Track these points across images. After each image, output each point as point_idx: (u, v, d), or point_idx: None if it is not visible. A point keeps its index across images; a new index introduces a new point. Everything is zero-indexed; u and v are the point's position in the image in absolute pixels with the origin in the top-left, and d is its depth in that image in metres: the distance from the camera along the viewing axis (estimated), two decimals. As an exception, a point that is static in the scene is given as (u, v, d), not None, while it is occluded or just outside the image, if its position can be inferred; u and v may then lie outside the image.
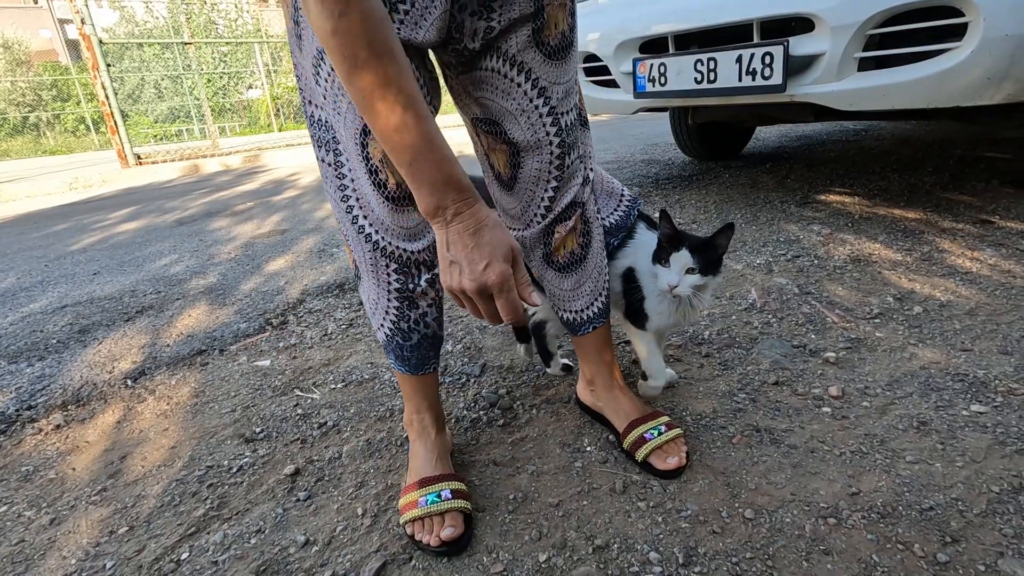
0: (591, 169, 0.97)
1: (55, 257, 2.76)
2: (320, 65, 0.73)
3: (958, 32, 1.54)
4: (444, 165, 0.63)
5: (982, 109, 1.78)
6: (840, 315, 1.39)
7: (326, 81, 0.73)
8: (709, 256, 0.93)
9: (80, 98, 16.76)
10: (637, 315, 1.03)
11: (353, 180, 0.80)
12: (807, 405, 1.06)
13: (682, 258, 0.92)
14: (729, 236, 0.93)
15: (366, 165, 0.76)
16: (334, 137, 0.79)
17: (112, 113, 5.93)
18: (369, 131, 0.74)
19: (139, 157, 6.40)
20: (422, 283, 0.86)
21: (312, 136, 0.83)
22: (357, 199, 0.81)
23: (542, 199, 0.91)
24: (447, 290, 0.69)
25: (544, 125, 0.85)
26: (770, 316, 1.42)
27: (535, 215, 0.92)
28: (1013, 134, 3.31)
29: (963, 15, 1.51)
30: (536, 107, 0.83)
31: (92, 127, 16.87)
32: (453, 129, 7.08)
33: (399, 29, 0.71)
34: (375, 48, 0.59)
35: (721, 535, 0.79)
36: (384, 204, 0.79)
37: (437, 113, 0.81)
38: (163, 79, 14.24)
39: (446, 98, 0.93)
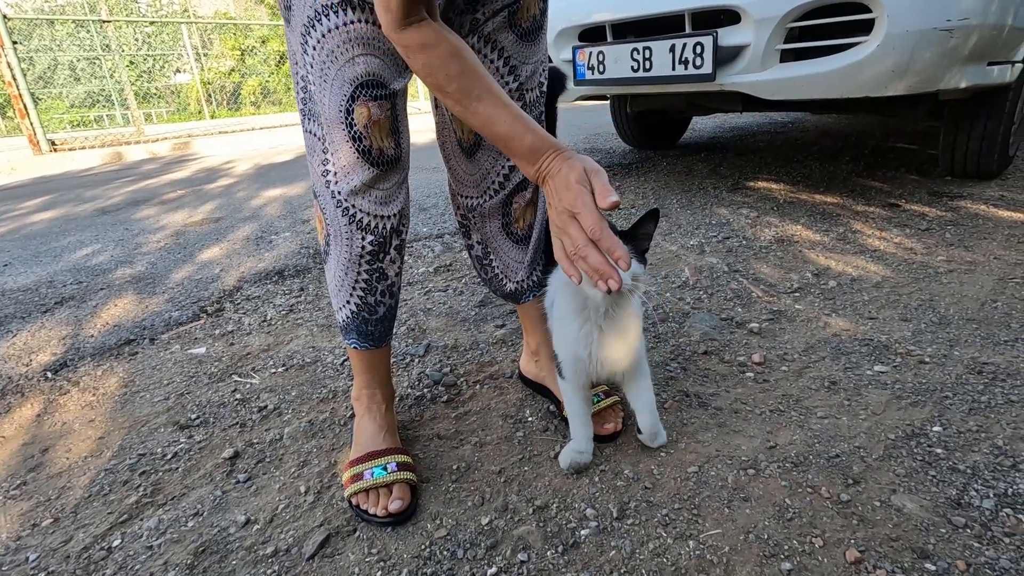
0: None
1: (-42, 249, 2.53)
2: (309, 33, 0.76)
3: (867, 27, 1.67)
4: (528, 136, 0.72)
5: (892, 100, 1.94)
6: (764, 290, 1.49)
7: (314, 49, 0.76)
8: (637, 247, 0.77)
9: (-18, 79, 15.27)
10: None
11: (332, 154, 0.82)
12: (732, 371, 1.14)
13: None
14: (655, 223, 0.78)
15: (349, 132, 0.79)
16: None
17: (21, 95, 5.47)
18: (357, 98, 0.77)
19: (54, 143, 5.93)
20: (391, 251, 0.89)
21: (301, 109, 0.86)
22: (335, 172, 0.83)
23: (502, 168, 0.95)
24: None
25: (512, 99, 0.89)
26: (701, 293, 1.50)
27: (492, 183, 0.96)
28: (920, 127, 3.60)
29: (870, 11, 1.63)
30: (507, 83, 0.90)
31: (-3, 111, 15.47)
32: (426, 115, 7.20)
33: None
34: (462, 69, 0.71)
35: (652, 490, 0.84)
36: (368, 170, 0.81)
37: (411, 73, 0.82)
38: (79, 60, 13.20)
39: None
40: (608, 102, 3.30)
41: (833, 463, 0.86)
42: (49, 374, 1.33)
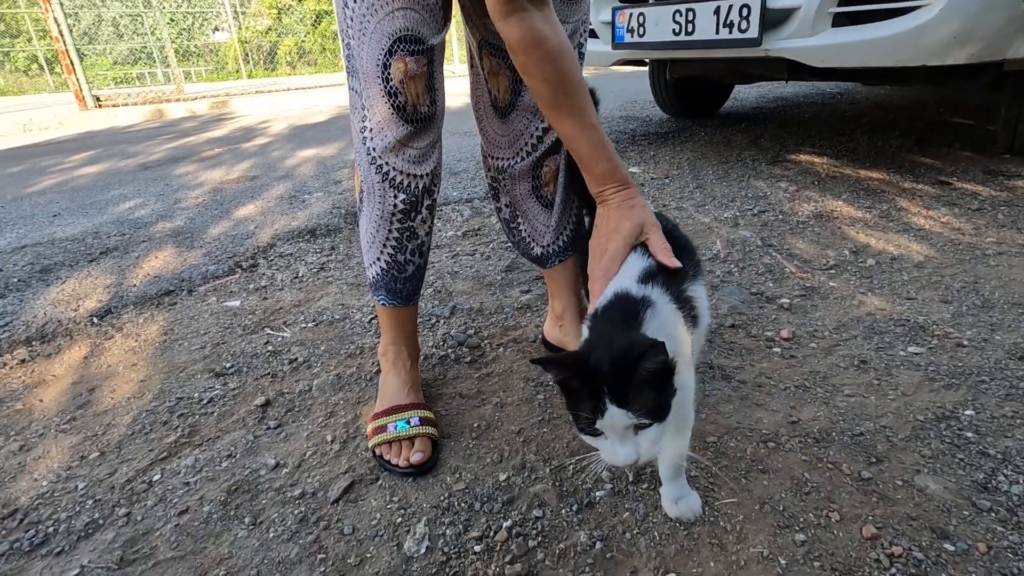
0: None
1: (11, 199, 2.65)
2: None
3: (929, -10, 1.56)
4: (602, 164, 0.77)
5: (950, 70, 1.82)
6: (798, 266, 1.45)
7: (355, 2, 0.77)
8: (644, 386, 0.56)
9: (31, 35, 15.65)
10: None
11: (368, 109, 0.82)
12: (759, 346, 1.12)
13: (616, 418, 0.56)
14: (656, 357, 0.55)
15: (385, 87, 0.79)
16: None
17: (67, 51, 5.60)
18: (394, 52, 0.77)
19: (98, 99, 6.09)
20: (423, 210, 0.90)
21: (346, 67, 0.86)
22: (371, 129, 0.83)
23: (536, 129, 0.94)
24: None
25: None
26: (732, 266, 1.47)
27: (525, 144, 0.96)
28: (978, 100, 3.38)
29: (935, -28, 1.52)
30: None
31: (46, 67, 15.86)
32: (460, 79, 7.27)
33: None
34: (558, 78, 0.73)
35: (670, 457, 0.85)
36: (402, 126, 0.82)
37: (448, 28, 0.84)
38: (122, 17, 13.37)
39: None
40: (646, 67, 3.19)
41: (856, 441, 0.85)
42: (95, 319, 1.40)
